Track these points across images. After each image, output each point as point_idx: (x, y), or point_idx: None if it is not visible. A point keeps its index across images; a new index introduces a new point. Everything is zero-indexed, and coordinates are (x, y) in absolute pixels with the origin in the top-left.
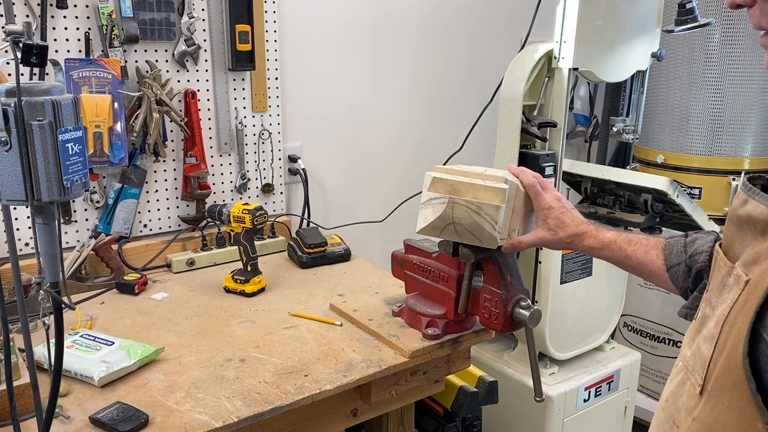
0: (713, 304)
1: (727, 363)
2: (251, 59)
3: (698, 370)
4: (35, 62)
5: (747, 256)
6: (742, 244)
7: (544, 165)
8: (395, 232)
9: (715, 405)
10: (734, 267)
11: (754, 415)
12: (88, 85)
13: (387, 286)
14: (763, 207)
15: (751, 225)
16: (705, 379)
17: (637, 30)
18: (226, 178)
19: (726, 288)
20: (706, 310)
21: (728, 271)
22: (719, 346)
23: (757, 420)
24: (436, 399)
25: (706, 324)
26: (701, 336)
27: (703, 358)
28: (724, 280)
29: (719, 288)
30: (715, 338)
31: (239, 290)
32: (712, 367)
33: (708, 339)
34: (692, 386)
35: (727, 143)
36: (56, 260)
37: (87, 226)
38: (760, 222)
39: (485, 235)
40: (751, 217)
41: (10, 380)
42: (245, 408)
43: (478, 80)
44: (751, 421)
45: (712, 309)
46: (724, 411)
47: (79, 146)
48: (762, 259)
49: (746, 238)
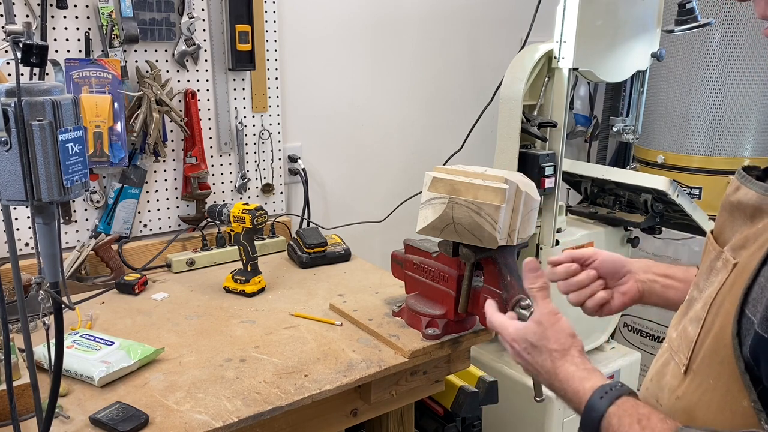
0: (701, 287)
1: (715, 343)
2: (251, 59)
3: (683, 350)
4: (35, 62)
5: (736, 241)
6: (731, 229)
7: (544, 165)
8: (395, 232)
9: (700, 384)
10: (723, 251)
11: (740, 393)
12: (88, 85)
13: (387, 286)
14: (753, 193)
15: (741, 210)
16: (690, 359)
17: (637, 30)
18: (226, 178)
19: (714, 271)
20: (694, 293)
21: (717, 255)
22: (706, 327)
23: (744, 398)
24: (436, 399)
25: (693, 306)
26: (687, 318)
27: (689, 339)
28: (713, 264)
29: (707, 272)
30: (702, 319)
31: (239, 290)
32: (698, 347)
33: (695, 320)
34: (676, 366)
35: (727, 143)
36: (56, 260)
37: (87, 226)
38: (750, 207)
39: (485, 235)
40: (741, 202)
41: (10, 380)
42: (245, 408)
43: (478, 80)
44: (736, 399)
45: (700, 292)
46: (709, 390)
47: (79, 146)
48: (750, 243)
49: (736, 223)
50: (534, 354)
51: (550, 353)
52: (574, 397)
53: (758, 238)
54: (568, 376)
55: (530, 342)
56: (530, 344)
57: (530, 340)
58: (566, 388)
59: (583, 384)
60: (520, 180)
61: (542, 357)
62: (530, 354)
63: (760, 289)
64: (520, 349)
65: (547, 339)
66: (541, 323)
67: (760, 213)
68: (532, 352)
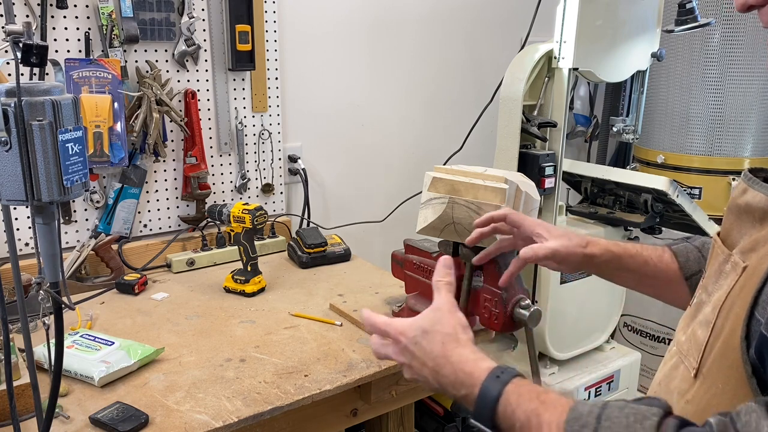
0: (709, 290)
1: (724, 347)
2: (251, 59)
3: (693, 354)
4: (35, 62)
5: (745, 244)
6: (740, 232)
7: (544, 165)
8: (395, 232)
9: (709, 388)
10: (732, 254)
11: (747, 398)
12: (88, 85)
13: (387, 286)
14: (762, 195)
15: (750, 213)
16: (700, 363)
17: (637, 30)
18: (226, 178)
19: (723, 275)
20: (702, 296)
21: (725, 258)
22: (716, 331)
23: None
24: (436, 399)
25: (702, 309)
26: (697, 321)
27: (698, 343)
28: (721, 267)
29: (716, 275)
30: (712, 323)
31: (239, 290)
32: (708, 351)
33: (704, 324)
34: (686, 370)
35: (727, 143)
36: (56, 260)
37: (87, 226)
38: (759, 210)
39: None
40: (750, 205)
41: (10, 380)
42: (245, 408)
43: (478, 80)
44: (743, 403)
45: (709, 295)
46: (718, 394)
47: (79, 146)
48: (760, 246)
49: (744, 226)
50: (424, 342)
51: (443, 337)
52: (468, 379)
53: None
54: (462, 358)
55: (423, 328)
56: (422, 331)
57: (424, 325)
58: (458, 371)
59: (478, 364)
60: (520, 180)
61: (433, 343)
62: (418, 344)
63: None
64: (408, 341)
65: (442, 324)
66: (439, 309)
67: None
68: (422, 339)
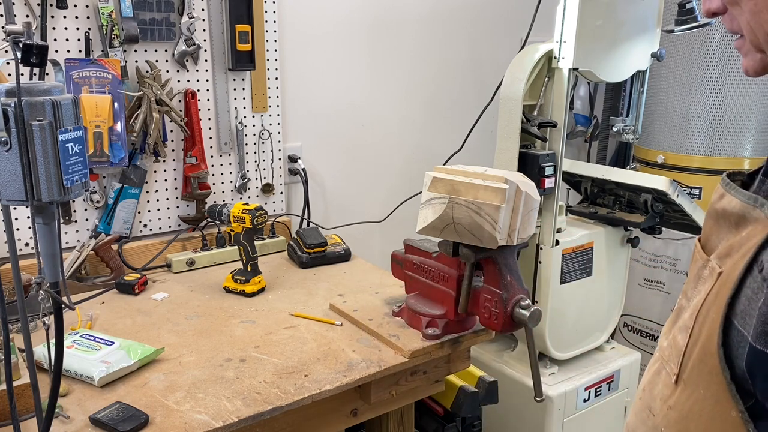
0: (689, 295)
1: (703, 352)
2: (251, 59)
3: (674, 360)
4: (35, 62)
5: (721, 249)
6: (717, 237)
7: (544, 165)
8: (395, 232)
9: (691, 394)
10: (709, 259)
11: (728, 403)
12: (88, 85)
13: (387, 286)
14: (737, 201)
15: (726, 219)
16: (680, 369)
17: (637, 30)
18: (226, 178)
19: (701, 280)
20: (682, 302)
21: (703, 264)
22: (694, 336)
23: (732, 408)
24: (436, 399)
25: (682, 315)
26: (677, 327)
27: (678, 348)
28: (700, 273)
29: (695, 280)
30: (690, 329)
31: (239, 290)
32: (687, 356)
33: (683, 329)
34: (668, 375)
35: (727, 143)
36: (56, 260)
37: (87, 226)
38: (734, 215)
39: (485, 235)
40: (726, 210)
41: (10, 380)
42: (245, 408)
43: (478, 80)
44: (725, 409)
45: (688, 300)
46: (700, 399)
47: (79, 146)
48: (734, 251)
49: (722, 231)
50: None
51: None
52: None
53: (742, 246)
54: None
55: None
56: None
57: None
58: None
59: None
60: (520, 180)
61: None
62: None
63: (747, 301)
64: None
65: None
66: None
67: (744, 221)
68: None
